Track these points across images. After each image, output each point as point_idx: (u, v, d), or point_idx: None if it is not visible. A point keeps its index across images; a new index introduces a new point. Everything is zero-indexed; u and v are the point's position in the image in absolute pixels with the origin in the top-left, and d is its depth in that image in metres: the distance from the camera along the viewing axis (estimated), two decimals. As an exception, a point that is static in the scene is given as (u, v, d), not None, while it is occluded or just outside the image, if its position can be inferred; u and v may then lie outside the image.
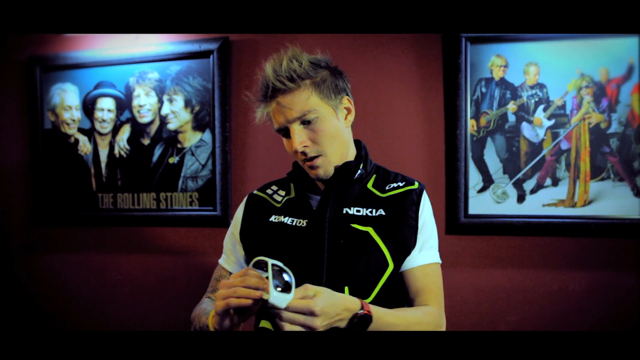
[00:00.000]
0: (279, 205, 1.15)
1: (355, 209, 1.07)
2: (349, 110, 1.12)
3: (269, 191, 1.20)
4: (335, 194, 1.09)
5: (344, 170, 1.09)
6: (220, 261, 1.22)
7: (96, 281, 2.06)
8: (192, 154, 1.94)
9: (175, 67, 1.94)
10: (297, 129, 1.04)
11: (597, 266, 1.64)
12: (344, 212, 1.07)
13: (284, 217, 1.10)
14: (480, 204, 1.71)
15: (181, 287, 1.98)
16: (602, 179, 1.63)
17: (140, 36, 1.96)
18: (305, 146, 1.04)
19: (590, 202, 1.64)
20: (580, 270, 1.65)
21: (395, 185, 1.12)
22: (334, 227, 1.04)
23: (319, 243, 1.03)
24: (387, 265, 1.03)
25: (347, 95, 1.12)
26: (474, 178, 1.72)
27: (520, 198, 1.69)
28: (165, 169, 1.97)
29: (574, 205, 1.65)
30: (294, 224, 1.08)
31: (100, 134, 2.04)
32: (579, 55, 1.64)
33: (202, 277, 1.93)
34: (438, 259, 1.11)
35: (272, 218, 1.12)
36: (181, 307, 1.98)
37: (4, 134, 2.15)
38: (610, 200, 1.62)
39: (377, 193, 1.11)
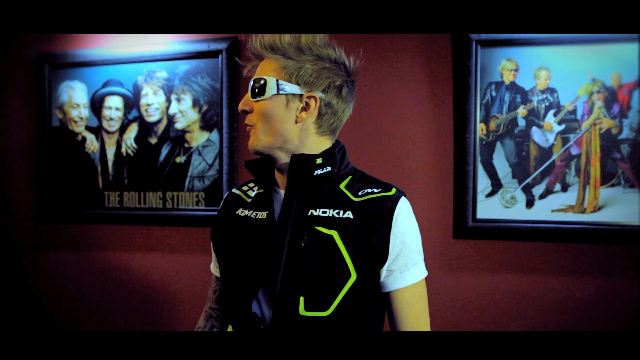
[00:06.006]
0: (249, 200, 1.10)
1: (322, 210, 0.98)
2: (305, 107, 1.00)
3: (245, 187, 1.17)
4: (299, 193, 1.00)
5: (300, 161, 0.99)
6: (212, 268, 1.21)
7: (101, 280, 2.06)
8: (199, 154, 1.93)
9: (183, 66, 1.94)
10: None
11: (606, 273, 1.62)
12: (309, 213, 0.98)
13: (249, 211, 1.06)
14: (488, 208, 1.70)
15: (186, 287, 1.97)
16: (613, 185, 1.62)
17: (148, 35, 1.96)
18: (244, 111, 1.02)
19: (600, 209, 1.62)
20: (589, 277, 1.64)
21: (370, 190, 1.02)
22: (296, 230, 0.96)
23: (279, 248, 0.96)
24: (348, 275, 0.93)
25: (318, 92, 1.01)
26: (483, 182, 1.70)
27: (529, 203, 1.67)
28: (172, 168, 1.97)
29: (583, 211, 1.63)
30: (256, 217, 1.03)
31: (108, 132, 2.04)
32: (591, 60, 1.62)
33: (206, 277, 1.93)
34: (424, 272, 1.02)
35: (239, 211, 1.08)
36: (186, 306, 1.97)
37: (11, 131, 2.16)
38: (620, 207, 1.60)
39: (349, 195, 1.01)
